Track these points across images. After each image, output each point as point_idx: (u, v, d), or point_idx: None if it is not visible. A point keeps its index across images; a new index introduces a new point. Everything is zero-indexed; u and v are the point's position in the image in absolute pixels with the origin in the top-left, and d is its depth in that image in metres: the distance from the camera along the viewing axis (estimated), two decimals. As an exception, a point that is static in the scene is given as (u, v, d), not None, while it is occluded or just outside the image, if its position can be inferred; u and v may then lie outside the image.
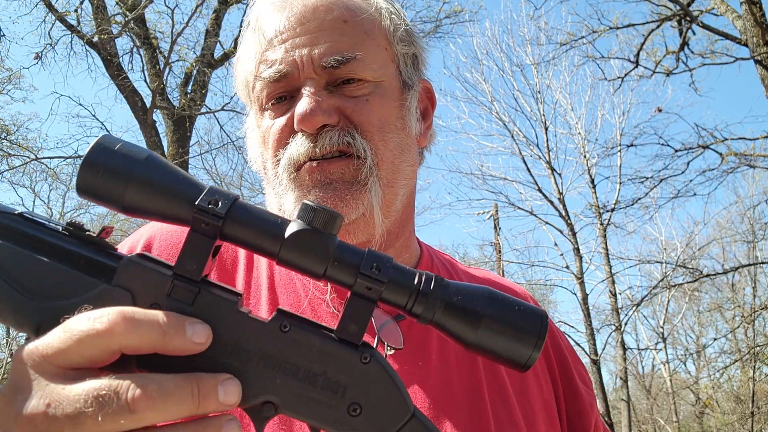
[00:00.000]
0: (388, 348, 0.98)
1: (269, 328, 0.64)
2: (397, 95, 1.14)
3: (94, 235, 0.66)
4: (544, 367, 1.18)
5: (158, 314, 0.59)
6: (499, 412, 1.05)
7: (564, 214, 17.74)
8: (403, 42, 1.17)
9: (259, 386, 0.63)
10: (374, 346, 0.92)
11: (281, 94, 1.11)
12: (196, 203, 0.63)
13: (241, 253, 1.14)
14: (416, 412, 0.66)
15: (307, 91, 1.06)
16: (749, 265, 17.93)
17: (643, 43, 12.55)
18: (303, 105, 1.05)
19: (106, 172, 0.62)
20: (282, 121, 1.10)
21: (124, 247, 1.13)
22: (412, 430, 0.65)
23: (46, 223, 0.66)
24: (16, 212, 0.66)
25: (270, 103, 1.12)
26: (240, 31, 1.29)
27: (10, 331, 19.59)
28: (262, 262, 1.13)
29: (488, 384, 1.08)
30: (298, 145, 1.07)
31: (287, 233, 0.64)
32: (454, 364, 1.08)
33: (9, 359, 18.27)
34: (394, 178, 1.11)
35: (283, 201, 1.10)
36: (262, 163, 1.19)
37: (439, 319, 0.66)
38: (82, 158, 0.63)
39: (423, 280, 0.66)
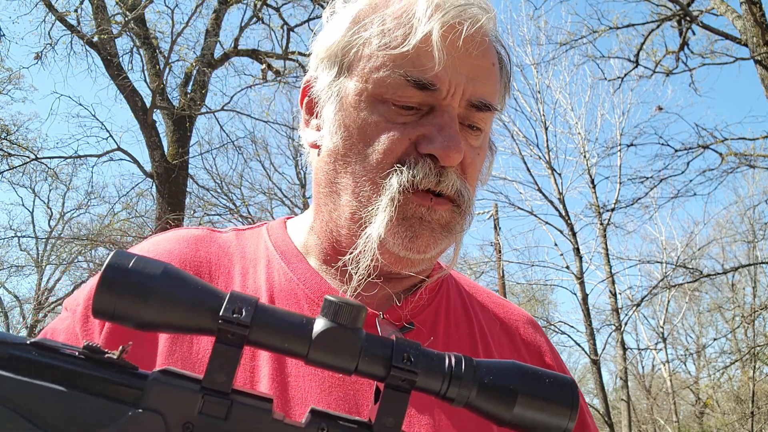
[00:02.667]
0: None
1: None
2: (487, 150, 1.12)
3: (115, 356, 0.63)
4: None
5: None
6: None
7: (564, 214, 17.75)
8: (503, 97, 1.14)
9: None
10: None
11: (414, 104, 1.00)
12: (221, 314, 0.62)
13: (237, 266, 1.10)
14: None
15: (450, 120, 0.99)
16: (749, 265, 17.93)
17: (643, 43, 12.55)
18: (454, 139, 0.98)
19: (122, 292, 0.61)
20: (407, 133, 1.00)
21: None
22: None
23: (61, 348, 0.63)
24: (28, 342, 0.63)
25: (391, 104, 1.01)
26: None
27: (10, 331, 19.57)
28: (259, 272, 1.09)
29: None
30: (424, 174, 0.98)
31: (314, 334, 0.64)
32: None
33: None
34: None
35: (365, 213, 1.01)
36: (344, 147, 1.04)
37: (473, 401, 0.66)
38: (98, 280, 0.61)
39: (453, 363, 0.66)
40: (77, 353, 0.63)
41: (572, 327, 21.36)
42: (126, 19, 11.08)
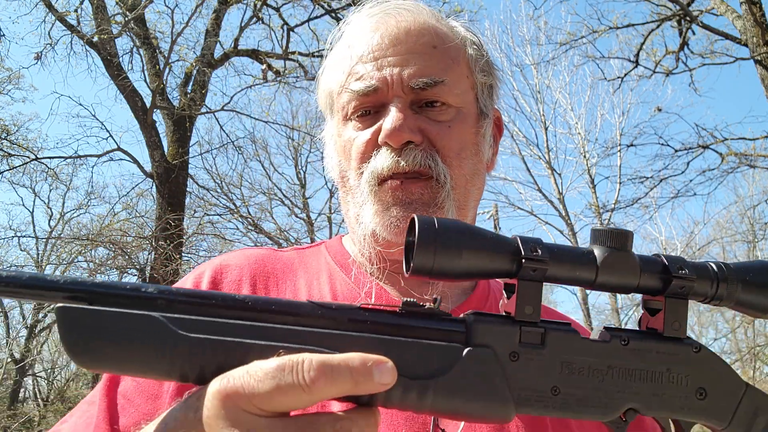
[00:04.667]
0: None
1: (612, 346, 0.72)
2: (474, 122, 1.20)
3: (432, 307, 0.71)
4: None
5: (348, 362, 0.62)
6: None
7: (564, 214, 17.75)
8: (482, 72, 1.23)
9: (620, 398, 0.70)
10: (433, 419, 1.00)
11: (367, 108, 1.16)
12: (523, 254, 0.69)
13: (301, 279, 1.21)
14: (749, 384, 0.75)
15: (394, 107, 1.12)
16: (749, 265, 17.88)
17: (642, 43, 12.55)
18: (391, 120, 1.11)
19: (439, 251, 0.67)
20: (366, 134, 1.15)
21: (186, 284, 1.19)
22: (750, 398, 0.73)
23: (384, 307, 0.71)
24: (358, 306, 0.70)
25: (355, 116, 1.18)
26: (326, 42, 1.35)
27: (10, 331, 19.61)
28: (323, 282, 1.20)
29: None
30: (383, 159, 1.12)
31: (599, 260, 0.71)
32: None
33: (9, 359, 18.25)
34: (465, 201, 1.18)
35: (361, 211, 1.16)
36: (340, 172, 1.23)
37: (740, 297, 0.74)
38: (416, 244, 0.68)
39: (716, 268, 0.74)
40: (398, 310, 0.70)
41: (572, 327, 21.30)
42: (126, 19, 11.09)
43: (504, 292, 0.76)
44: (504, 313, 0.72)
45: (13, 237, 18.59)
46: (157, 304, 0.66)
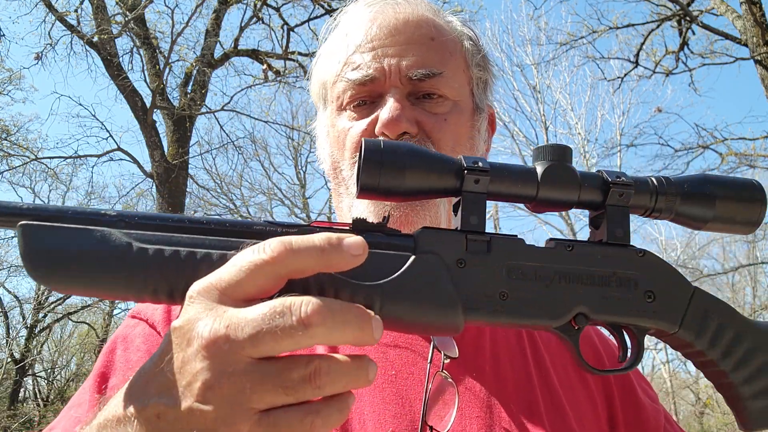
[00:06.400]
0: (444, 357, 0.99)
1: (556, 251, 0.73)
2: (470, 117, 1.20)
3: (381, 222, 0.73)
4: (598, 382, 1.15)
5: (313, 236, 0.63)
6: (556, 425, 1.05)
7: (564, 214, 17.74)
8: (478, 67, 1.23)
9: (568, 301, 0.71)
10: (431, 353, 0.99)
11: (363, 98, 1.15)
12: (465, 166, 0.72)
13: None
14: (696, 288, 0.75)
15: (391, 98, 1.11)
16: (749, 265, 17.93)
17: (642, 43, 12.54)
18: (389, 110, 1.09)
19: (384, 168, 0.71)
20: (362, 124, 1.14)
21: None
22: (699, 300, 0.73)
23: (335, 225, 0.73)
24: (310, 224, 0.72)
25: (351, 106, 1.16)
26: (319, 34, 1.35)
27: (10, 331, 19.59)
28: None
29: (543, 397, 1.07)
30: None
31: (540, 174, 0.74)
32: (508, 375, 1.08)
33: (9, 359, 18.23)
34: None
35: (355, 201, 1.13)
36: (332, 162, 1.21)
37: (679, 209, 0.76)
38: (362, 162, 0.71)
39: (655, 181, 0.76)
40: (349, 227, 0.72)
41: (572, 327, 21.32)
42: (126, 19, 11.08)
43: (452, 212, 0.78)
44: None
45: (13, 237, 18.56)
46: (117, 225, 0.68)
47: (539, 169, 0.74)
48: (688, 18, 11.57)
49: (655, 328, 0.73)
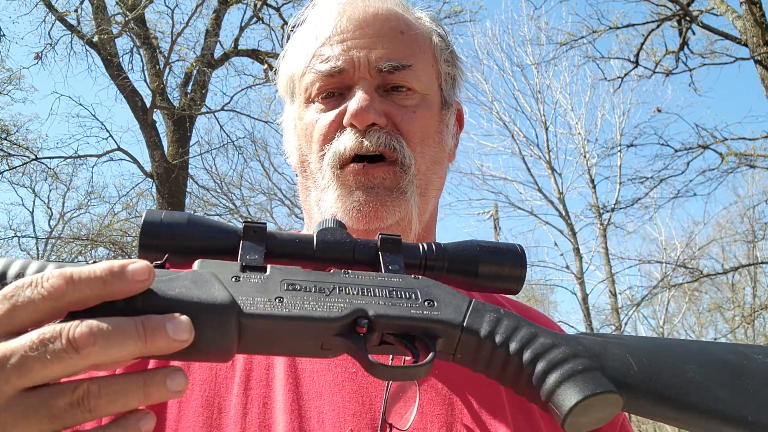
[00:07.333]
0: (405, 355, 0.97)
1: (335, 273, 0.76)
2: (438, 111, 1.20)
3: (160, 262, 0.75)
4: None
5: (95, 266, 0.61)
6: (518, 422, 1.01)
7: (564, 214, 17.76)
8: (447, 63, 1.24)
9: (349, 306, 0.71)
10: (381, 414, 0.97)
11: (331, 90, 1.15)
12: (245, 221, 0.78)
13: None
14: (473, 299, 0.79)
15: (360, 89, 1.11)
16: (749, 265, 17.92)
17: (642, 43, 12.54)
18: (357, 101, 1.09)
19: (162, 248, 0.75)
20: (330, 116, 1.14)
21: None
22: (477, 307, 0.76)
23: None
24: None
25: (319, 98, 1.16)
26: (288, 27, 1.36)
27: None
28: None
29: (507, 393, 1.03)
30: (347, 139, 1.10)
31: (318, 237, 0.80)
32: (472, 373, 1.01)
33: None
34: (426, 188, 1.16)
35: (323, 195, 1.13)
36: (300, 156, 1.20)
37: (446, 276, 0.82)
38: (139, 237, 0.75)
39: (426, 249, 0.83)
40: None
41: (572, 327, 21.35)
42: (126, 19, 11.08)
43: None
44: None
45: (13, 237, 18.55)
46: None
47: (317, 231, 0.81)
48: (688, 18, 11.57)
49: (441, 323, 0.74)
